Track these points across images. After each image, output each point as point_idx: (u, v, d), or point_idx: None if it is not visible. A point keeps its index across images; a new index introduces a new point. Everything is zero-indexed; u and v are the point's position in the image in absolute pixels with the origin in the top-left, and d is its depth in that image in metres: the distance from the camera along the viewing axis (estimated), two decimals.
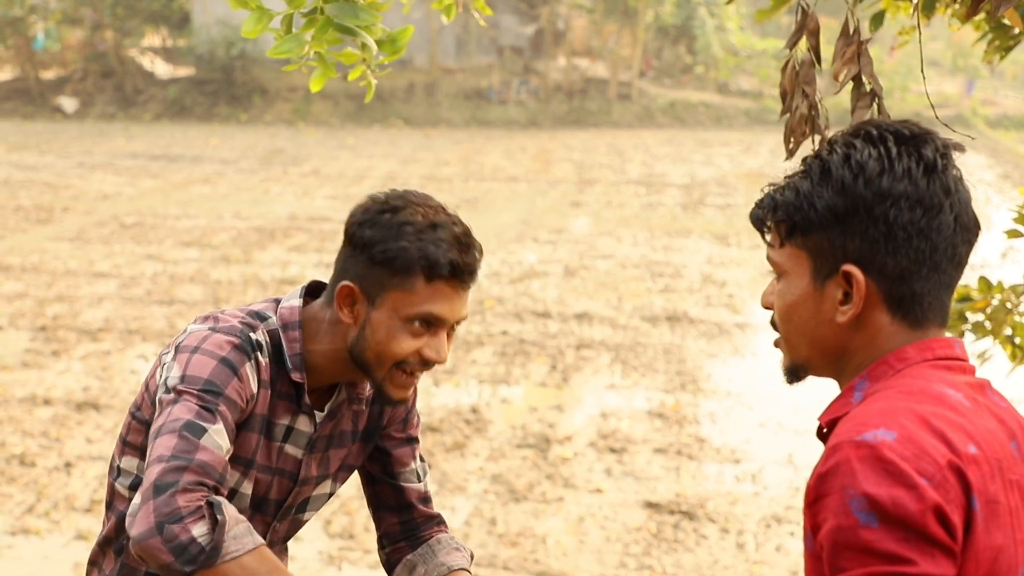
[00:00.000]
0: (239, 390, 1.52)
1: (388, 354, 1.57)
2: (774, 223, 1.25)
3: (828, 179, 1.19)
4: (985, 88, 27.72)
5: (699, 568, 4.46)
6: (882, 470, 1.06)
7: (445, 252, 1.54)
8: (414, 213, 1.56)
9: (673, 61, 28.01)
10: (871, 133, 1.19)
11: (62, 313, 8.22)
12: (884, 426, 1.09)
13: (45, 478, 5.23)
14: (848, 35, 1.62)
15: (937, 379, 1.17)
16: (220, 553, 1.36)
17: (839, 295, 1.20)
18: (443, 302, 1.56)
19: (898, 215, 1.16)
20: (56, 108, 25.16)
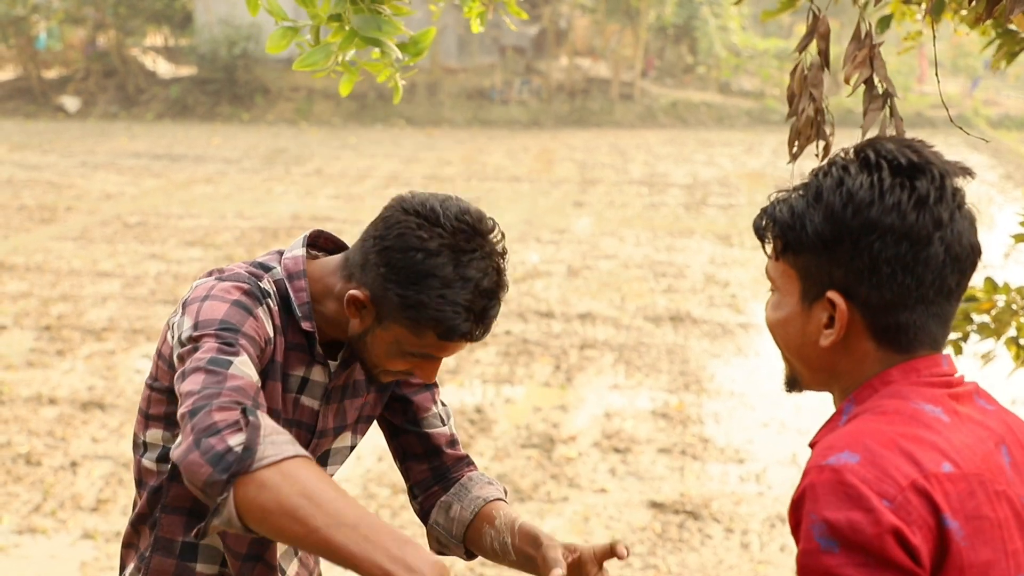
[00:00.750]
0: (256, 328, 1.50)
1: (382, 366, 1.60)
2: (772, 236, 1.24)
3: (819, 203, 1.17)
4: (987, 88, 27.72)
5: (704, 568, 4.48)
6: (842, 494, 1.07)
7: (463, 322, 1.50)
8: (446, 263, 1.49)
9: (675, 61, 28.01)
10: (868, 159, 1.17)
11: (66, 312, 8.24)
12: (849, 448, 1.09)
13: (51, 477, 5.25)
14: (860, 39, 1.63)
15: (916, 396, 1.16)
16: (255, 456, 1.28)
17: (824, 318, 1.19)
18: (447, 352, 1.58)
19: (883, 249, 1.14)
20: (58, 107, 25.18)
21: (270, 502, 1.27)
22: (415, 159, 17.94)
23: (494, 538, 1.71)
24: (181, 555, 1.67)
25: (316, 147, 19.66)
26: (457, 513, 1.78)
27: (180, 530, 1.67)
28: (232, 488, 1.28)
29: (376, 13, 1.96)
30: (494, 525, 1.72)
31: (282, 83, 25.25)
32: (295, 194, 14.33)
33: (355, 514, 1.29)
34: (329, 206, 13.29)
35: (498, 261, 1.56)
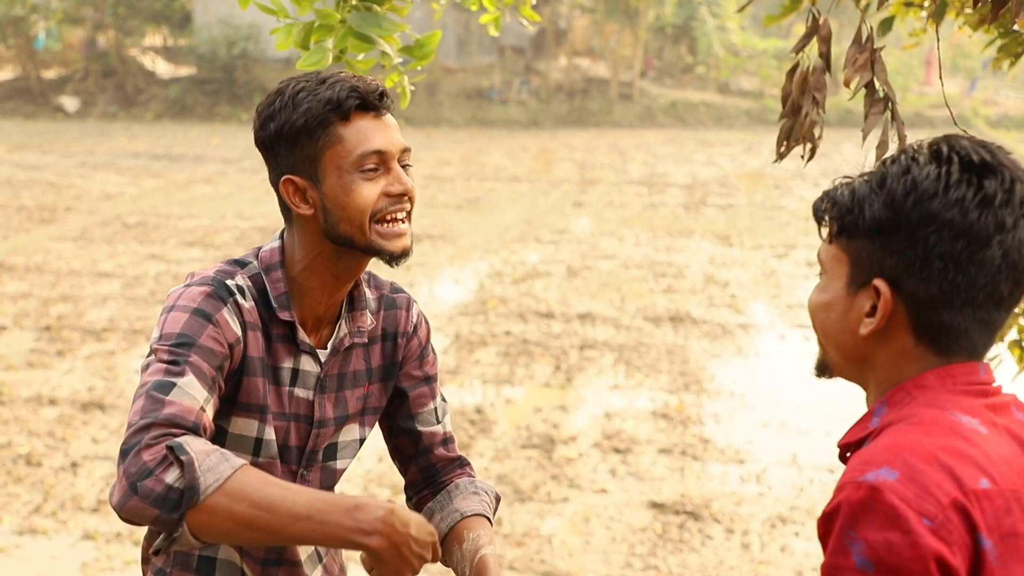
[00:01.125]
0: (215, 336, 1.50)
1: (357, 211, 1.55)
2: (828, 219, 1.23)
3: (882, 189, 1.16)
4: (985, 88, 27.73)
5: (705, 568, 4.48)
6: (881, 513, 1.05)
7: (344, 87, 1.54)
8: (299, 82, 1.56)
9: (674, 61, 28.02)
10: (940, 151, 1.15)
11: (66, 313, 8.24)
12: (888, 464, 1.07)
13: (51, 478, 5.25)
14: (860, 42, 1.63)
15: (952, 406, 1.14)
16: (199, 489, 1.32)
17: (867, 307, 1.17)
18: (373, 134, 1.56)
19: (938, 243, 1.11)
20: (57, 107, 25.17)
21: (225, 523, 1.33)
22: (414, 159, 17.58)
23: (458, 561, 1.72)
24: (198, 570, 1.68)
25: None
26: (436, 524, 1.78)
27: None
28: (185, 521, 1.32)
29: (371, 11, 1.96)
30: (461, 549, 1.72)
31: None
32: None
33: (306, 504, 1.34)
34: None
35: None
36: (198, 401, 1.43)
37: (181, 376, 1.43)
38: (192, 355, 1.46)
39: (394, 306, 1.78)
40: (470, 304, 8.65)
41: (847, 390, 6.54)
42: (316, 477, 1.72)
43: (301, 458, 1.68)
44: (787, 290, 9.31)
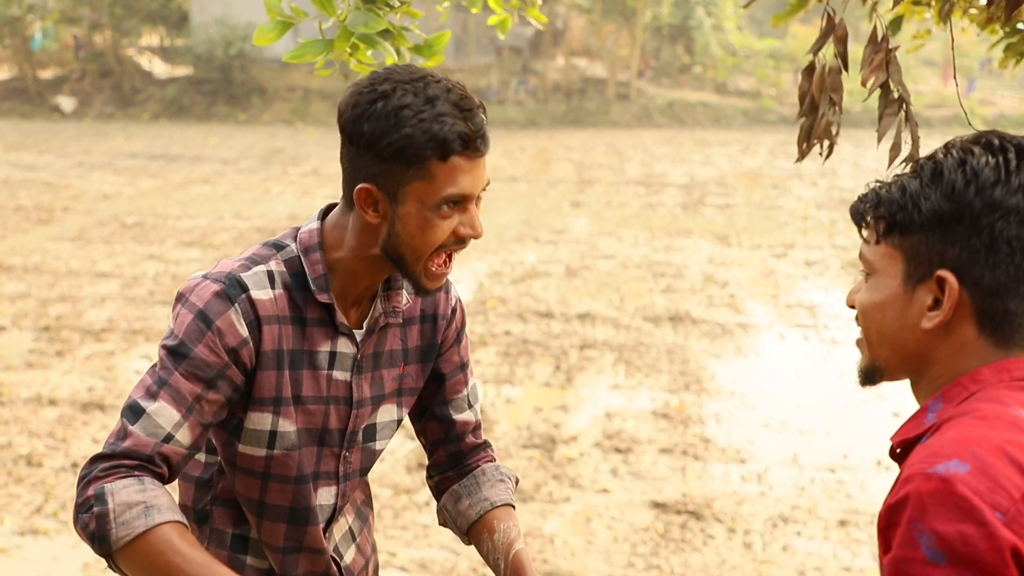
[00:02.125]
0: (212, 345, 1.50)
1: (426, 245, 1.53)
2: (874, 219, 1.22)
3: (939, 181, 1.16)
4: (983, 88, 27.78)
5: (707, 568, 4.48)
6: (953, 505, 1.04)
7: (451, 126, 1.47)
8: (405, 94, 1.48)
9: (671, 61, 28.03)
10: (992, 142, 1.17)
11: (65, 313, 8.23)
12: (957, 457, 1.07)
13: (52, 478, 5.24)
14: (876, 42, 1.63)
15: (1013, 401, 1.14)
16: (109, 540, 1.40)
17: (929, 300, 1.18)
18: (464, 177, 1.50)
19: (1005, 228, 1.13)
20: (54, 107, 25.14)
21: (141, 572, 1.42)
22: None
23: (490, 551, 1.75)
24: (232, 547, 1.70)
25: (313, 147, 19.65)
26: (464, 508, 1.82)
27: (230, 522, 1.70)
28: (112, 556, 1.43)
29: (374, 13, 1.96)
30: (492, 539, 1.76)
31: (278, 83, 25.23)
32: (292, 194, 14.32)
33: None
34: None
35: (454, 82, 1.53)
36: (164, 429, 1.48)
37: (154, 400, 1.48)
38: (179, 370, 1.50)
39: None
40: (469, 304, 8.65)
41: (847, 390, 6.55)
42: (357, 458, 1.73)
43: (343, 440, 1.68)
44: (786, 289, 9.32)
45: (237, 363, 1.53)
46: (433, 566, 4.43)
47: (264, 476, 1.63)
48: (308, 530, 1.68)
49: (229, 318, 1.52)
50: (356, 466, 1.73)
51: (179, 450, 1.50)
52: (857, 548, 4.63)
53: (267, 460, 1.62)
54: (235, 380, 1.54)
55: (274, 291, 1.56)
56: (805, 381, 6.87)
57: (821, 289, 9.36)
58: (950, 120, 22.75)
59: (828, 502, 5.08)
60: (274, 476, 1.64)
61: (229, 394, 1.54)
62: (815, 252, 10.88)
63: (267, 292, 1.56)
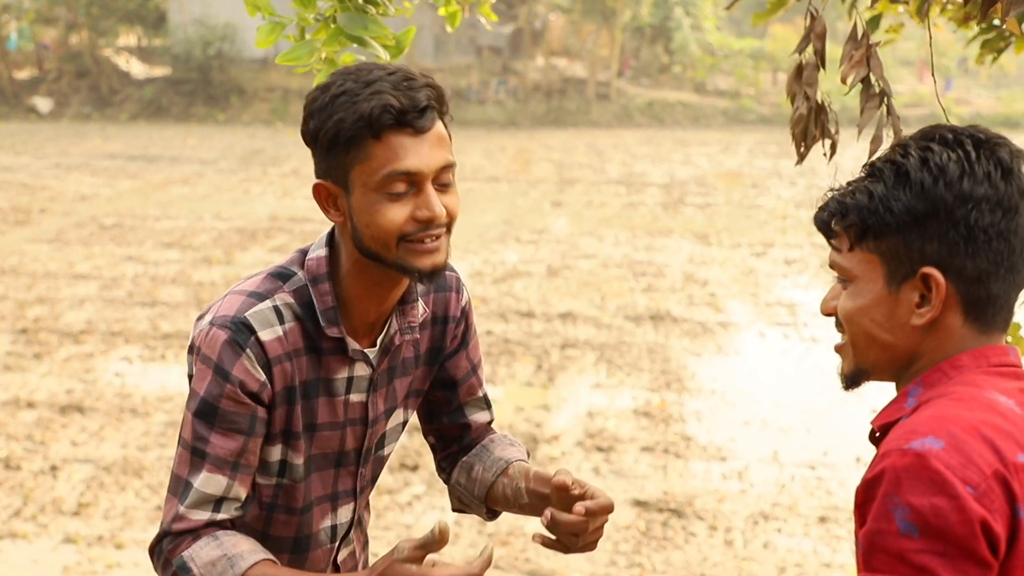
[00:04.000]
0: (235, 395, 1.50)
1: (382, 232, 1.46)
2: (843, 227, 1.24)
3: (906, 182, 1.19)
4: (960, 87, 28.00)
5: (688, 565, 4.49)
6: (927, 479, 1.07)
7: (380, 102, 1.41)
8: (344, 83, 1.45)
9: (651, 61, 28.11)
10: (947, 137, 1.20)
11: (43, 315, 8.16)
12: (933, 434, 1.10)
13: (31, 481, 5.20)
14: (856, 39, 1.64)
15: (989, 386, 1.18)
16: None
17: (915, 298, 1.20)
18: (404, 154, 1.43)
19: (979, 217, 1.17)
20: (30, 108, 24.94)
21: None
22: None
23: (507, 485, 1.70)
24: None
25: (292, 148, 19.57)
26: (479, 474, 1.77)
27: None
28: None
29: (363, 12, 1.96)
30: (508, 474, 1.73)
31: (257, 83, 25.13)
32: (273, 195, 14.27)
33: None
34: (307, 207, 13.23)
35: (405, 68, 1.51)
36: (216, 495, 1.51)
37: (199, 471, 1.51)
38: (213, 433, 1.51)
39: (444, 288, 1.71)
40: None
41: (827, 388, 6.59)
42: (370, 470, 1.71)
43: (359, 458, 1.67)
44: (765, 288, 9.36)
45: (260, 404, 1.53)
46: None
47: (270, 507, 1.62)
48: (309, 555, 1.67)
49: (243, 366, 1.50)
50: (368, 477, 1.71)
51: (235, 509, 1.54)
52: (837, 544, 4.66)
53: (275, 489, 1.60)
54: (264, 418, 1.54)
55: (283, 326, 1.53)
56: (785, 379, 6.91)
57: (800, 287, 9.41)
58: (927, 119, 22.85)
59: (808, 499, 5.11)
60: (279, 507, 1.62)
61: (264, 432, 1.55)
62: (794, 251, 10.94)
63: (274, 331, 1.52)
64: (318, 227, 11.55)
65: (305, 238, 11.09)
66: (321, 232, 1.65)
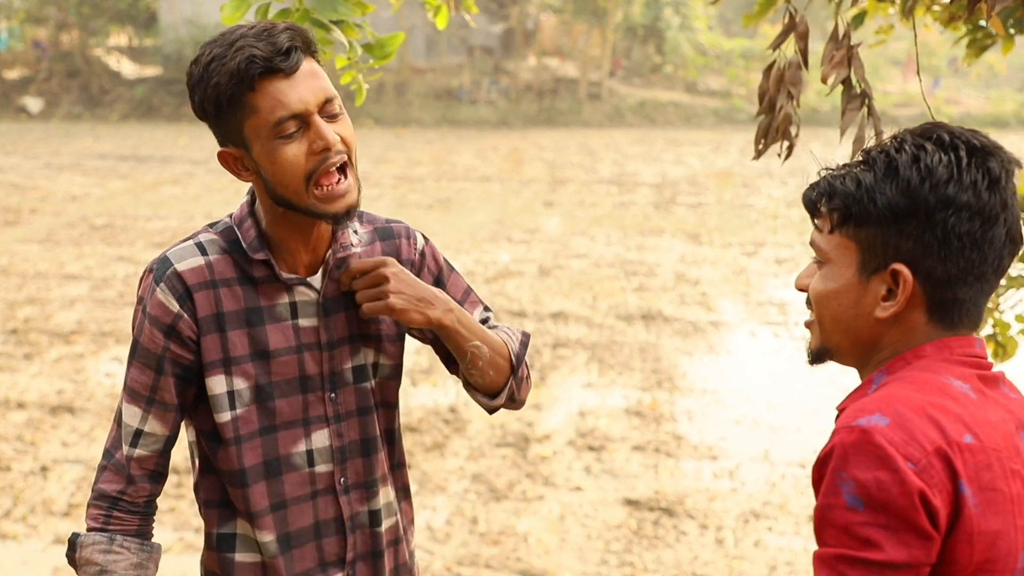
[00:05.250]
0: (150, 330, 1.62)
1: (289, 176, 1.54)
2: (828, 209, 1.26)
3: (894, 177, 1.20)
4: (948, 87, 28.09)
5: (679, 564, 4.50)
6: (871, 454, 1.12)
7: (244, 56, 1.49)
8: (211, 50, 1.54)
9: (642, 61, 28.14)
10: (943, 138, 1.21)
11: (33, 316, 8.14)
12: (880, 411, 1.14)
13: (21, 482, 5.19)
14: (837, 39, 1.65)
15: (945, 371, 1.21)
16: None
17: (883, 291, 1.22)
18: (284, 98, 1.51)
19: (957, 224, 1.18)
20: (20, 108, 24.86)
21: None
22: (384, 159, 17.89)
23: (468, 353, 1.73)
24: (219, 547, 1.71)
25: None
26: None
27: (214, 523, 1.72)
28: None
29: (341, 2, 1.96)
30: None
31: None
32: None
33: None
34: None
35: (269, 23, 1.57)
36: (132, 426, 1.66)
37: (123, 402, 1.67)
38: (132, 366, 1.66)
39: (391, 235, 1.77)
40: None
41: (818, 386, 6.60)
42: (351, 399, 1.72)
43: (323, 383, 1.70)
44: (757, 287, 9.38)
45: (177, 339, 1.61)
46: None
47: (236, 441, 1.65)
48: (284, 479, 1.68)
49: (157, 298, 1.60)
50: (351, 407, 1.72)
51: (153, 445, 1.66)
52: None
53: (234, 423, 1.64)
54: (181, 358, 1.62)
55: (207, 257, 1.62)
56: (776, 378, 6.93)
57: (791, 287, 9.43)
58: (916, 118, 22.88)
59: (799, 497, 5.12)
60: (243, 437, 1.65)
61: (179, 372, 1.62)
62: (785, 250, 10.96)
63: (195, 260, 1.62)
64: None
65: None
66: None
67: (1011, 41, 2.21)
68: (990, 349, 2.71)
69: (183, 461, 5.45)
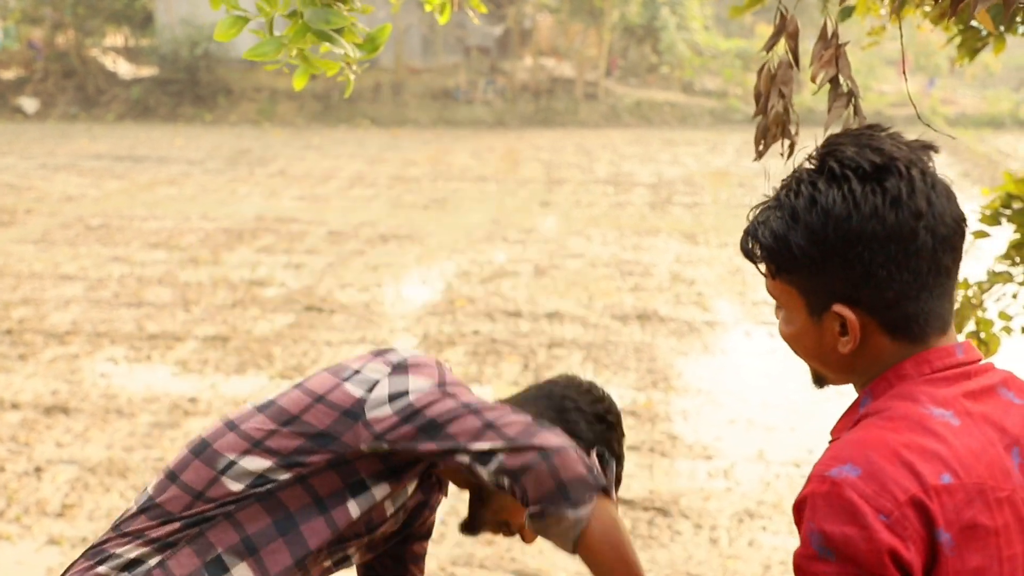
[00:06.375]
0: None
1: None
2: (761, 259, 1.24)
3: (797, 223, 1.17)
4: (944, 87, 28.12)
5: (674, 564, 4.50)
6: (839, 508, 1.10)
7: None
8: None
9: (639, 61, 28.15)
10: (834, 171, 1.17)
11: (28, 316, 8.13)
12: (852, 461, 1.12)
13: (15, 483, 5.18)
14: (826, 38, 1.65)
15: (927, 398, 1.17)
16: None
17: (836, 327, 1.20)
18: None
19: (872, 256, 1.15)
20: (16, 109, 24.83)
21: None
22: (380, 160, 17.88)
23: None
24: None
25: (280, 148, 19.54)
26: None
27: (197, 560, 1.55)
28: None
29: (328, 7, 1.96)
30: None
31: (245, 83, 25.07)
32: (260, 195, 14.23)
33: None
34: (294, 207, 13.21)
35: None
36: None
37: (483, 406, 1.60)
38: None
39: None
40: (438, 304, 8.64)
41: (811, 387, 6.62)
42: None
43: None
44: (752, 288, 9.38)
45: None
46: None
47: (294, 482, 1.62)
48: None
49: None
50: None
51: None
52: None
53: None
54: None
55: None
56: (771, 378, 6.93)
57: None
58: (913, 119, 22.98)
59: (793, 497, 5.12)
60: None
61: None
62: None
63: None
64: (304, 227, 11.53)
65: (292, 238, 11.07)
66: (307, 233, 1.66)
67: (1002, 41, 2.21)
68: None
69: None
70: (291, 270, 9.53)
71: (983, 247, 3.02)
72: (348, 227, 11.65)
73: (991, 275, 2.76)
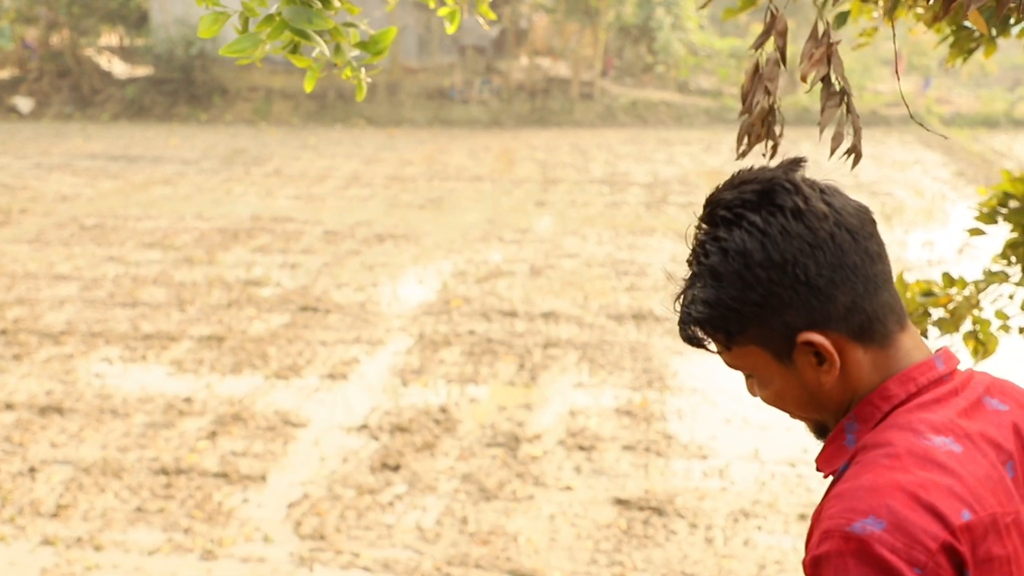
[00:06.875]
0: None
1: None
2: (710, 338, 1.22)
3: (722, 280, 1.17)
4: (939, 87, 28.16)
5: (669, 563, 4.51)
6: (874, 565, 1.06)
7: None
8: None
9: (634, 60, 28.16)
10: (726, 217, 1.17)
11: (23, 316, 8.11)
12: (873, 513, 1.09)
13: (9, 483, 5.17)
14: (817, 37, 1.65)
15: (925, 427, 1.15)
16: None
17: (812, 359, 1.18)
18: None
19: (805, 271, 1.14)
20: (11, 108, 24.78)
21: None
22: (376, 159, 17.86)
23: None
24: None
25: (275, 147, 19.51)
26: None
27: None
28: None
29: (308, 6, 1.96)
30: None
31: (240, 83, 25.04)
32: (255, 195, 14.21)
33: None
34: (289, 207, 13.19)
35: None
36: None
37: None
38: None
39: None
40: (434, 304, 8.64)
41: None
42: None
43: None
44: None
45: None
46: (396, 566, 4.42)
47: None
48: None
49: None
50: None
51: None
52: None
53: None
54: None
55: None
56: None
57: None
58: (907, 119, 23.02)
59: (788, 496, 5.13)
60: None
61: None
62: None
63: None
64: (300, 227, 11.52)
65: (287, 238, 11.06)
66: (303, 233, 1.66)
67: (993, 44, 2.21)
68: (970, 348, 2.70)
69: (173, 462, 5.45)
70: (286, 270, 9.52)
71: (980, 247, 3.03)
72: (344, 227, 11.64)
73: (988, 274, 2.76)
